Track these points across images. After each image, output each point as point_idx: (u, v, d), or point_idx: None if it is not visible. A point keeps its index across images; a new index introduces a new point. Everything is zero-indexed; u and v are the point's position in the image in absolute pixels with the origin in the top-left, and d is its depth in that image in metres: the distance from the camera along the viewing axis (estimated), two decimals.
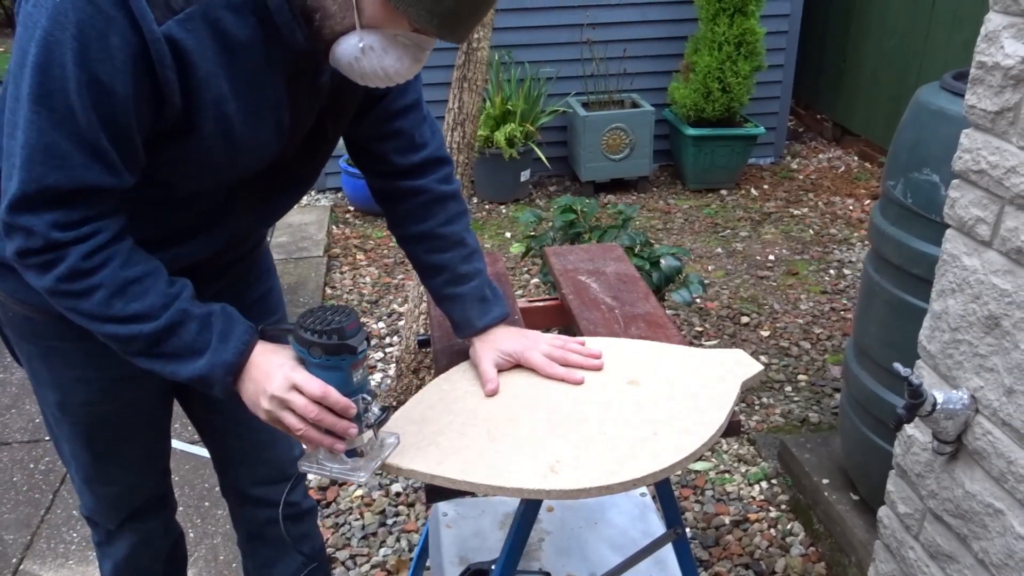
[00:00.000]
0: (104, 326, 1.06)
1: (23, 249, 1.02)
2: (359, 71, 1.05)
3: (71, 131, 0.97)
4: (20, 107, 0.96)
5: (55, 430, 1.41)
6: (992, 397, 1.22)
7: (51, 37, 0.93)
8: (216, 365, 1.09)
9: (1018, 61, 1.12)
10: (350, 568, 2.22)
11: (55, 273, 1.02)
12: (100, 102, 0.96)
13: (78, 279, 1.02)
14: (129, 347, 1.08)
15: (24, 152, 0.97)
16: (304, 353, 1.07)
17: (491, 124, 4.61)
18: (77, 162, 0.98)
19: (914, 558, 1.45)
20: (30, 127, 0.96)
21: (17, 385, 3.08)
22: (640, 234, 2.96)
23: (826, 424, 2.79)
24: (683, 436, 1.17)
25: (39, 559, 2.28)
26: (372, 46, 1.02)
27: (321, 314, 1.07)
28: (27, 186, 0.98)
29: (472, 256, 1.39)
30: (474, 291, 1.38)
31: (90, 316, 1.05)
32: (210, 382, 1.10)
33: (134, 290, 1.05)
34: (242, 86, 1.06)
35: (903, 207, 1.80)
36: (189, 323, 1.08)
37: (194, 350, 1.08)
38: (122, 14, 0.93)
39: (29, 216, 1.00)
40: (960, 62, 4.19)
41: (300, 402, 1.05)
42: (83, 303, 1.04)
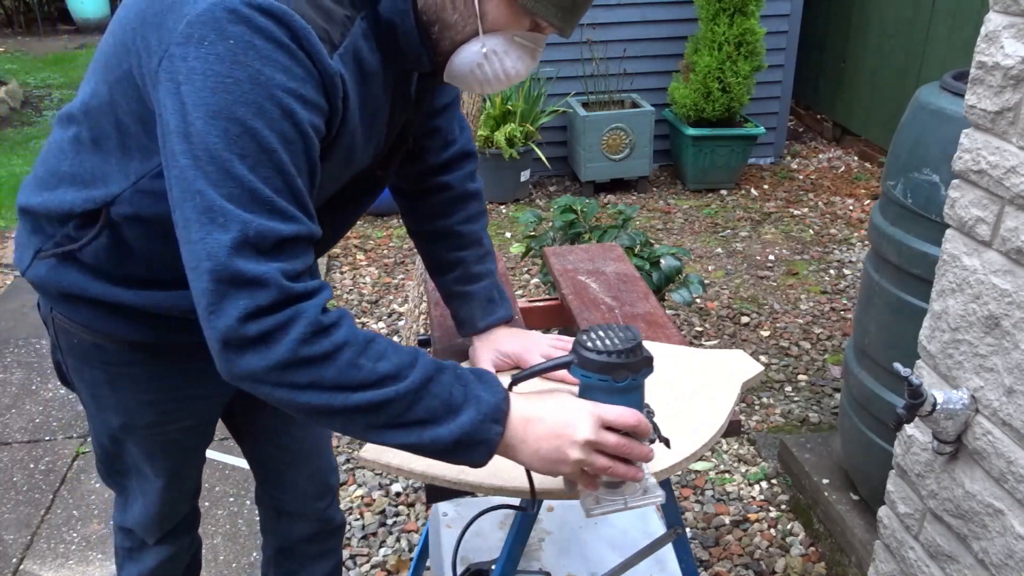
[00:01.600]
0: (352, 396, 0.89)
1: (252, 309, 0.86)
2: (480, 78, 1.05)
3: (268, 174, 0.88)
4: (203, 163, 0.87)
5: (111, 449, 1.36)
6: (992, 397, 1.22)
7: (229, 79, 0.86)
8: (486, 416, 0.94)
9: (1018, 61, 1.12)
10: (350, 568, 2.22)
11: (294, 335, 0.87)
12: (291, 138, 0.90)
13: (320, 338, 0.88)
14: (379, 417, 0.92)
15: (229, 203, 0.87)
16: (603, 381, 0.97)
17: (491, 124, 4.61)
18: (282, 206, 0.89)
19: (914, 558, 1.45)
20: (226, 177, 0.87)
21: (17, 385, 3.08)
22: (640, 234, 2.96)
23: (826, 424, 2.79)
24: (682, 437, 1.17)
25: (39, 559, 2.28)
26: (495, 50, 1.03)
27: (606, 333, 0.99)
28: (247, 228, 0.86)
29: (486, 257, 1.40)
30: (483, 291, 1.38)
31: (335, 387, 0.89)
32: (478, 438, 0.94)
33: (376, 348, 0.92)
34: (367, 112, 1.06)
35: (903, 207, 1.80)
36: (440, 376, 0.94)
37: (451, 406, 0.93)
38: (300, 48, 0.90)
39: (259, 263, 0.86)
40: (960, 62, 4.19)
41: (612, 440, 0.96)
42: (328, 370, 0.88)
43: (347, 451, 2.67)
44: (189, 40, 0.87)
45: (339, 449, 2.69)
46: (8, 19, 9.95)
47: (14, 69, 7.84)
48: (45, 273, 1.16)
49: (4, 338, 3.40)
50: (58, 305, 1.20)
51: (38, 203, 1.15)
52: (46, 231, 1.16)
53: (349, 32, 0.98)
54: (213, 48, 0.86)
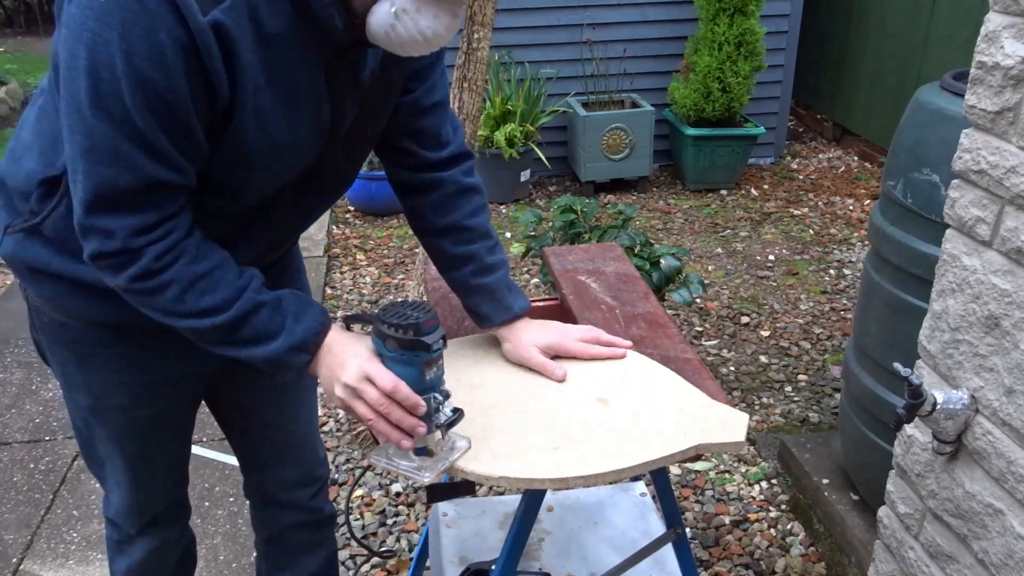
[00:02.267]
0: (179, 321, 1.08)
1: (98, 252, 1.04)
2: (397, 40, 1.03)
3: (130, 133, 0.97)
4: (78, 111, 0.96)
5: (85, 433, 1.40)
6: (992, 397, 1.22)
7: (99, 38, 0.92)
8: (291, 346, 1.11)
9: (1018, 61, 1.12)
10: (350, 568, 2.22)
11: (128, 273, 1.04)
12: (154, 101, 0.95)
13: (148, 278, 1.05)
14: (206, 338, 1.11)
15: (90, 156, 0.98)
16: (380, 346, 1.09)
17: (491, 124, 4.61)
18: (141, 162, 0.99)
19: (914, 558, 1.45)
20: (91, 131, 0.96)
21: (17, 385, 3.08)
22: (640, 234, 2.96)
23: (826, 424, 2.79)
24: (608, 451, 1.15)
25: (39, 559, 2.28)
26: (405, 8, 1.00)
27: (400, 308, 1.09)
28: (99, 188, 0.99)
29: (496, 247, 1.40)
30: (502, 281, 1.38)
31: (164, 312, 1.08)
32: (286, 362, 1.12)
33: (204, 285, 1.07)
34: (277, 78, 1.04)
35: (903, 207, 1.80)
36: (260, 310, 1.10)
37: (268, 333, 1.10)
38: (166, 8, 0.91)
39: (108, 218, 1.02)
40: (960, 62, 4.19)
41: (372, 394, 1.07)
42: (156, 300, 1.07)
43: (347, 451, 2.67)
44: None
45: (339, 449, 2.69)
46: (8, 19, 9.94)
47: (14, 69, 7.84)
48: (12, 248, 1.20)
49: (4, 338, 3.40)
50: (26, 281, 1.25)
51: (5, 175, 1.20)
52: (15, 206, 1.19)
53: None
54: (91, 1, 0.92)
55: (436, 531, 1.71)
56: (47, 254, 1.18)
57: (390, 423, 1.08)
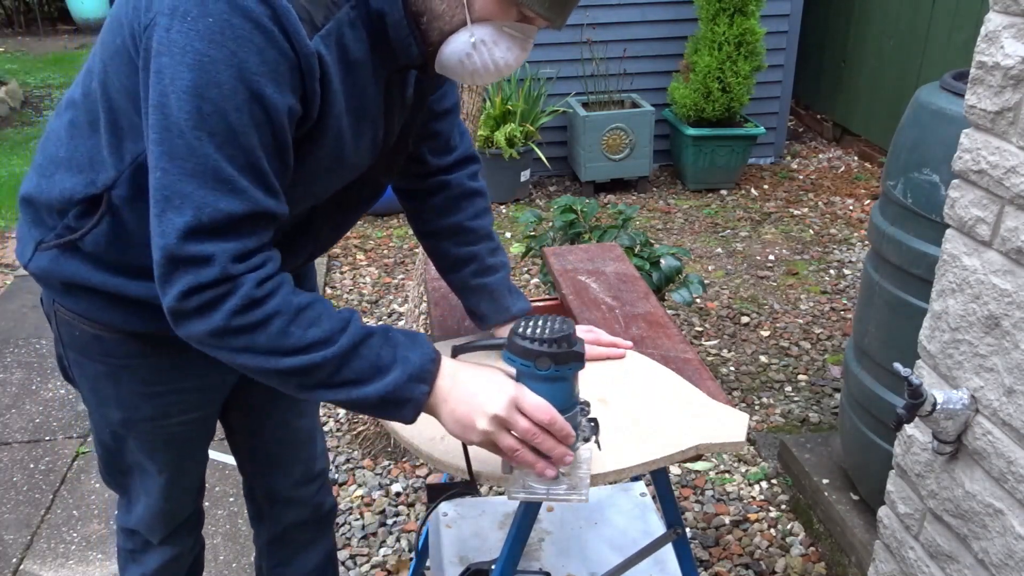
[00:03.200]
0: (283, 360, 0.97)
1: (193, 285, 0.94)
2: (470, 68, 1.05)
3: (234, 155, 0.93)
4: (179, 136, 0.91)
5: (112, 445, 1.35)
6: (992, 397, 1.22)
7: (206, 58, 0.89)
8: (412, 375, 1.00)
9: (1018, 61, 1.12)
10: (350, 568, 2.22)
11: (228, 307, 0.94)
12: (261, 119, 0.93)
13: (252, 309, 0.95)
14: (309, 379, 0.99)
15: (192, 180, 0.92)
16: (526, 367, 1.00)
17: (491, 124, 4.61)
18: (246, 185, 0.94)
19: (914, 558, 1.45)
20: (193, 154, 0.92)
21: (17, 385, 3.08)
22: (640, 234, 2.96)
23: (826, 424, 2.79)
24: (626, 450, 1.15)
25: (39, 559, 2.28)
26: (483, 39, 1.03)
27: (539, 323, 1.01)
28: (200, 213, 0.93)
29: (497, 250, 1.41)
30: (501, 282, 1.39)
31: (268, 351, 0.97)
32: (405, 396, 1.01)
33: (308, 316, 0.98)
34: (354, 101, 1.06)
35: (903, 207, 1.80)
36: (370, 340, 1.00)
37: (380, 366, 1.00)
38: (278, 29, 0.92)
39: (207, 244, 0.93)
40: (960, 62, 4.19)
41: (523, 425, 0.99)
42: (259, 336, 0.96)
43: (347, 451, 2.67)
44: (175, 12, 0.90)
45: (339, 449, 2.69)
46: (8, 19, 9.95)
47: (14, 69, 7.84)
48: (47, 264, 1.17)
49: (4, 338, 3.41)
50: (60, 296, 1.21)
51: (37, 192, 1.16)
52: (46, 222, 1.16)
53: (333, 16, 0.99)
54: (195, 24, 0.89)
55: (436, 531, 1.71)
56: (86, 269, 1.15)
57: (537, 453, 1.01)
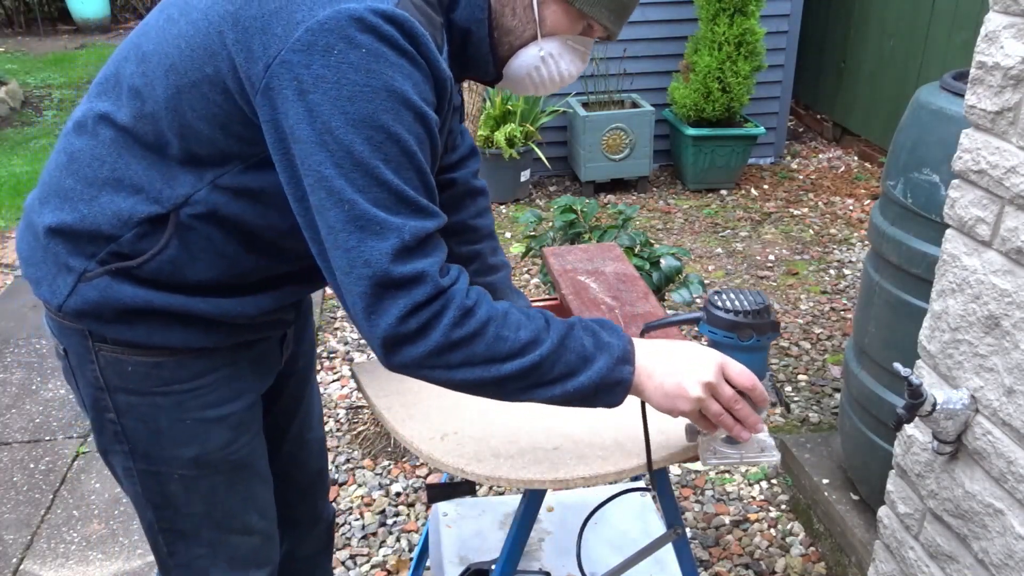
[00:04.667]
0: (502, 367, 0.97)
1: (410, 307, 0.93)
2: (537, 80, 1.10)
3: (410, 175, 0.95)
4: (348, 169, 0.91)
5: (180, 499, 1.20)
6: (992, 397, 1.22)
7: (368, 88, 0.90)
8: (619, 358, 1.01)
9: (1018, 61, 1.12)
10: (350, 568, 2.22)
11: (446, 322, 0.94)
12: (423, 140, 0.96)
13: (468, 319, 0.95)
14: (526, 381, 0.99)
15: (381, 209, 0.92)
16: (729, 338, 1.03)
17: (491, 124, 4.61)
18: (425, 203, 0.96)
19: (914, 558, 1.45)
20: (374, 183, 0.92)
21: (17, 385, 3.08)
22: (640, 234, 2.96)
23: (826, 424, 2.79)
24: None
25: (39, 559, 2.28)
26: (552, 53, 1.07)
27: (736, 295, 1.03)
28: (403, 234, 0.93)
29: (498, 250, 1.42)
30: (503, 281, 1.40)
31: (486, 360, 0.97)
32: (616, 378, 1.01)
33: (514, 319, 0.99)
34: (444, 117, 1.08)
35: (903, 207, 1.80)
36: (572, 331, 1.01)
37: (586, 356, 1.00)
38: (421, 55, 0.95)
39: (418, 261, 0.94)
40: (960, 62, 4.19)
41: (727, 392, 1.02)
42: (478, 346, 0.96)
43: (347, 451, 2.67)
44: (312, 48, 0.90)
45: (339, 449, 2.69)
46: (8, 19, 9.94)
47: (14, 69, 7.84)
48: (97, 295, 1.07)
49: (4, 338, 3.40)
50: (110, 328, 1.10)
51: (75, 220, 1.06)
52: (87, 250, 1.07)
53: (444, 38, 1.03)
54: (344, 57, 0.89)
55: (436, 531, 1.71)
56: (144, 292, 1.07)
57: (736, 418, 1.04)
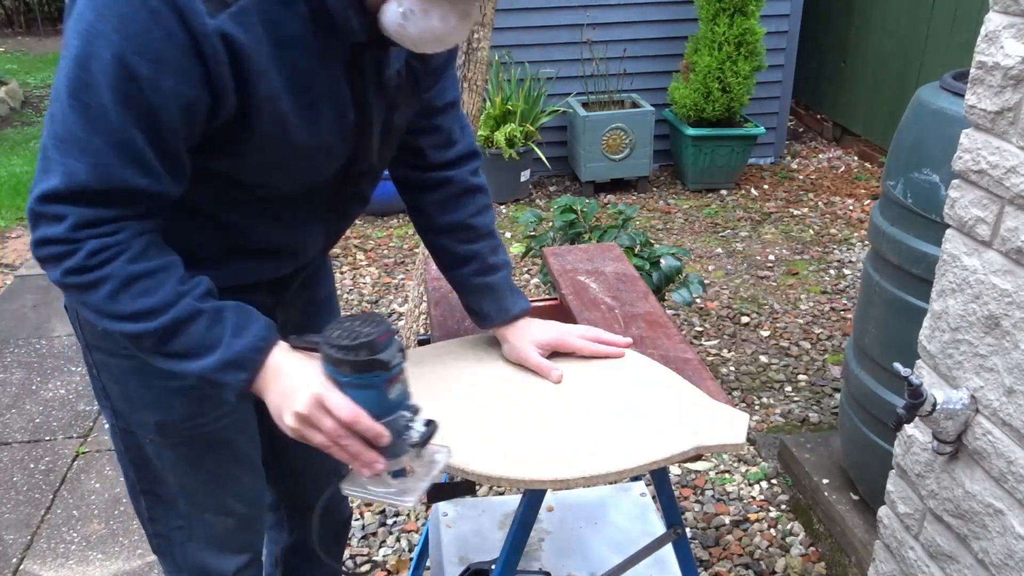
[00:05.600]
0: (112, 323, 1.01)
1: (44, 237, 0.98)
2: (409, 39, 1.02)
3: (104, 129, 0.94)
4: (58, 99, 0.94)
5: (156, 463, 1.26)
6: (992, 397, 1.22)
7: (92, 29, 0.90)
8: (227, 361, 1.02)
9: (1018, 61, 1.12)
10: (350, 568, 2.22)
11: (64, 266, 0.99)
12: (137, 100, 0.93)
13: (83, 273, 0.99)
14: (140, 345, 1.03)
15: (61, 146, 0.95)
16: (334, 372, 0.98)
17: (491, 124, 4.61)
18: (110, 161, 0.95)
19: (914, 558, 1.45)
20: (65, 120, 0.94)
21: (17, 385, 3.08)
22: (640, 234, 2.96)
23: (826, 424, 2.79)
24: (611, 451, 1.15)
25: (39, 559, 2.28)
26: (412, 9, 0.99)
27: (349, 325, 0.97)
28: (63, 179, 0.95)
29: (499, 248, 1.41)
30: (503, 281, 1.39)
31: (97, 311, 1.01)
32: (221, 380, 1.03)
33: (141, 286, 1.00)
34: (296, 81, 1.02)
35: (903, 207, 1.80)
36: (198, 319, 1.02)
37: (204, 346, 1.02)
38: (167, 7, 0.89)
39: (62, 206, 0.97)
40: (960, 62, 4.18)
41: (328, 424, 0.98)
42: (89, 296, 1.00)
43: None
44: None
45: None
46: (8, 19, 9.94)
47: (14, 69, 7.84)
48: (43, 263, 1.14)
49: (4, 338, 3.40)
50: None
51: None
52: None
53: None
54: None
55: (436, 531, 1.71)
56: None
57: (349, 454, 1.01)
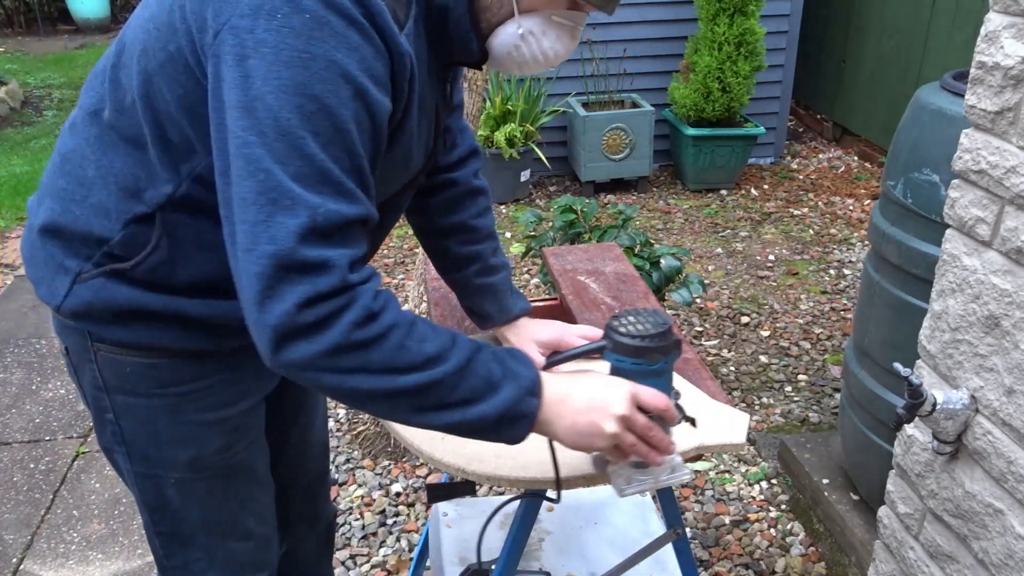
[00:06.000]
0: (400, 378, 0.89)
1: (312, 296, 0.85)
2: (519, 59, 1.03)
3: (339, 154, 0.87)
4: (271, 138, 0.84)
5: (175, 503, 1.19)
6: (992, 397, 1.22)
7: (306, 54, 0.84)
8: (526, 389, 0.94)
9: (1018, 61, 1.12)
10: (350, 568, 2.22)
11: (347, 320, 0.86)
12: (363, 120, 0.89)
13: (372, 322, 0.88)
14: (425, 399, 0.91)
15: (298, 182, 0.85)
16: (637, 364, 0.99)
17: (491, 124, 4.61)
18: (351, 187, 0.88)
19: (914, 558, 1.45)
20: (296, 155, 0.85)
21: (17, 385, 3.08)
22: (640, 234, 2.96)
23: (826, 424, 2.79)
24: None
25: (39, 559, 2.28)
26: (532, 30, 1.01)
27: (637, 318, 1.00)
28: (316, 214, 0.85)
29: (499, 250, 1.41)
30: (504, 282, 1.39)
31: (384, 369, 0.89)
32: (520, 411, 0.94)
33: (420, 331, 0.91)
34: (420, 102, 1.03)
35: (903, 207, 1.80)
36: (479, 354, 0.94)
37: (492, 382, 0.93)
38: (373, 27, 0.89)
39: (326, 249, 0.86)
40: (960, 62, 4.19)
41: (641, 422, 0.97)
42: (376, 353, 0.88)
43: (347, 451, 2.67)
44: (258, 12, 0.84)
45: (339, 449, 2.69)
46: (8, 19, 9.95)
47: (14, 69, 7.84)
48: (92, 296, 1.06)
49: (4, 338, 3.40)
50: (105, 330, 1.09)
51: (67, 220, 1.05)
52: (81, 251, 1.06)
53: (411, 13, 0.97)
54: (287, 21, 0.84)
55: (436, 531, 1.71)
56: (140, 293, 1.05)
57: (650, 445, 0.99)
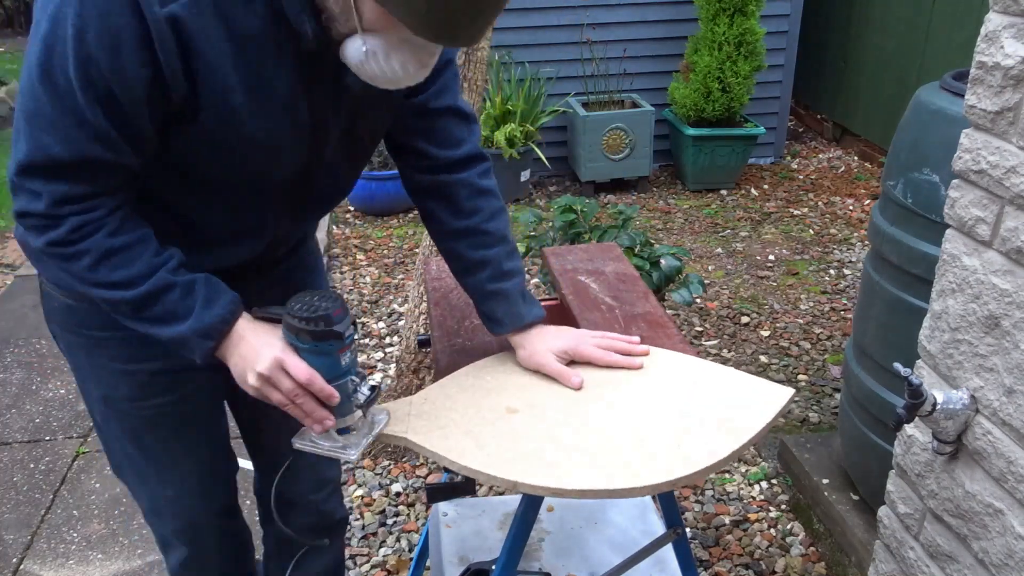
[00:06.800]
0: (91, 289, 1.10)
1: (24, 210, 1.06)
2: (368, 74, 1.04)
3: (70, 107, 0.99)
4: (28, 76, 0.99)
5: (104, 430, 1.39)
6: (992, 397, 1.22)
7: (60, 12, 0.95)
8: (196, 330, 1.12)
9: (1018, 61, 1.12)
10: (350, 568, 2.22)
11: (47, 237, 1.07)
12: (97, 82, 0.97)
13: (66, 246, 1.07)
14: (116, 311, 1.13)
15: (32, 121, 1.01)
16: (293, 339, 1.11)
17: (491, 124, 4.61)
18: (77, 136, 1.01)
19: (914, 558, 1.45)
20: (34, 96, 0.99)
21: (17, 385, 3.08)
22: (640, 234, 2.96)
23: (826, 424, 2.79)
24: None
25: (39, 559, 2.28)
26: (375, 51, 1.00)
27: (308, 300, 1.11)
28: (35, 153, 1.02)
29: (513, 253, 1.39)
30: (517, 287, 1.37)
31: (78, 278, 1.10)
32: (190, 346, 1.13)
33: (119, 259, 1.09)
34: (252, 79, 1.04)
35: (903, 207, 1.80)
36: (172, 290, 1.11)
37: (176, 315, 1.12)
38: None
39: (38, 182, 1.04)
40: (960, 62, 4.19)
41: (287, 384, 1.10)
42: (71, 266, 1.09)
43: None
44: None
45: None
46: (8, 19, 9.95)
47: (14, 69, 7.83)
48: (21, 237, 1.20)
49: (4, 338, 3.41)
50: (40, 267, 1.25)
51: None
52: None
53: None
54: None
55: (436, 531, 1.71)
56: None
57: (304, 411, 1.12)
